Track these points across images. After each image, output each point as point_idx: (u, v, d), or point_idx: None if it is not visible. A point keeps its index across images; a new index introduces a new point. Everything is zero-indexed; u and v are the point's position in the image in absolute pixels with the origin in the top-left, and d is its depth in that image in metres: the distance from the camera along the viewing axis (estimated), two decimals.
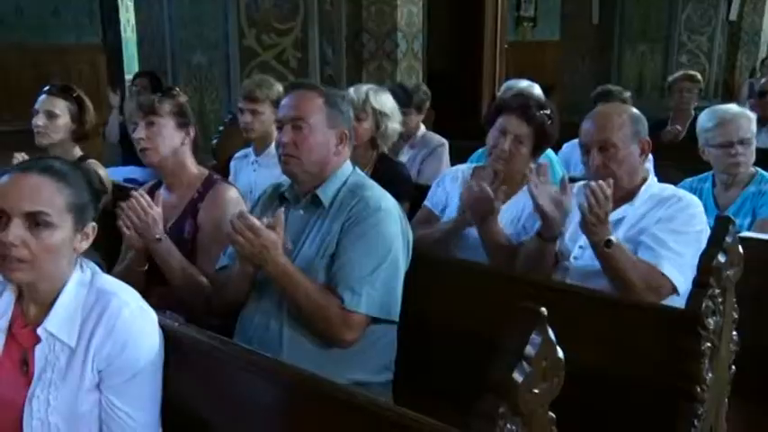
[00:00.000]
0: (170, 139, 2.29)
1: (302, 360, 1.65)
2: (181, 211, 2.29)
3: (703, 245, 1.68)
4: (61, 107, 2.88)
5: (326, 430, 1.34)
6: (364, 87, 2.90)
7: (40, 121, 2.86)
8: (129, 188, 2.89)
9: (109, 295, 1.48)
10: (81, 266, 1.52)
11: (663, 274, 1.93)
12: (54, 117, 2.86)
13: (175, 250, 2.17)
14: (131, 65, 6.50)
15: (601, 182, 1.94)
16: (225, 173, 3.42)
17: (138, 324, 1.48)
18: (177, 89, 2.46)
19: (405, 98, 3.57)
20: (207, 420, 1.54)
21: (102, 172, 2.90)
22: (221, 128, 3.85)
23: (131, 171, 4.31)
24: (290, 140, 1.93)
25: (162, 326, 1.56)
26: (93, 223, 1.51)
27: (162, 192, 2.36)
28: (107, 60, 7.93)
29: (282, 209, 1.90)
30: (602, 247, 1.93)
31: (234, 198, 2.29)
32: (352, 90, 2.84)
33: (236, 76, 4.16)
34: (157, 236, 2.13)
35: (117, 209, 2.15)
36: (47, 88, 2.97)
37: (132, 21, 5.99)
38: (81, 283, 1.50)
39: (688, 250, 1.92)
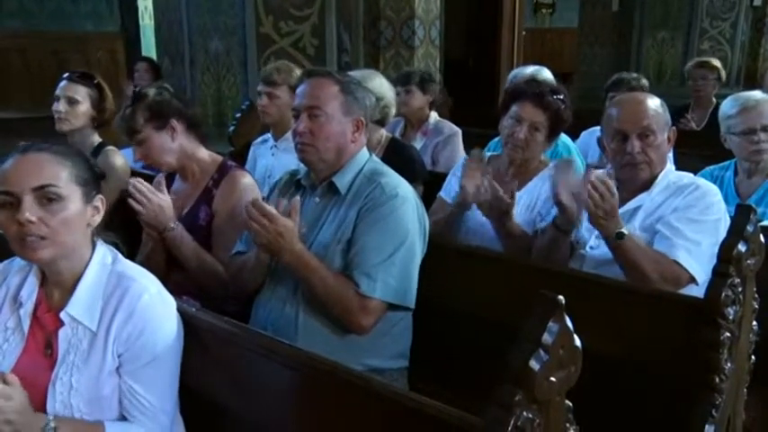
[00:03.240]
0: (160, 146, 2.25)
1: (317, 346, 1.66)
2: (196, 198, 2.30)
3: (722, 234, 1.66)
4: (82, 93, 2.90)
5: (342, 416, 1.35)
6: (352, 73, 2.91)
7: (61, 106, 2.88)
8: (147, 175, 2.91)
9: (129, 280, 1.50)
10: (102, 250, 1.54)
11: (679, 264, 1.90)
12: (75, 103, 2.88)
13: (188, 238, 2.16)
14: (149, 52, 6.53)
15: (598, 173, 1.92)
16: (242, 159, 3.44)
17: (157, 309, 1.50)
18: (141, 90, 2.33)
19: (404, 77, 3.56)
20: (224, 405, 1.55)
21: (121, 159, 2.92)
22: (238, 114, 3.86)
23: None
24: (306, 129, 1.92)
25: (180, 312, 1.57)
26: (101, 195, 1.52)
27: (176, 182, 2.37)
28: (125, 48, 7.96)
29: (298, 197, 1.90)
30: (613, 240, 1.91)
31: (249, 184, 2.29)
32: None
33: (254, 63, 4.16)
34: (170, 224, 2.12)
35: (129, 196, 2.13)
36: (67, 75, 2.98)
37: (150, 8, 6.01)
38: (102, 266, 1.52)
39: (705, 239, 1.90)
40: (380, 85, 2.94)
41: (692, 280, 1.91)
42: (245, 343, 1.53)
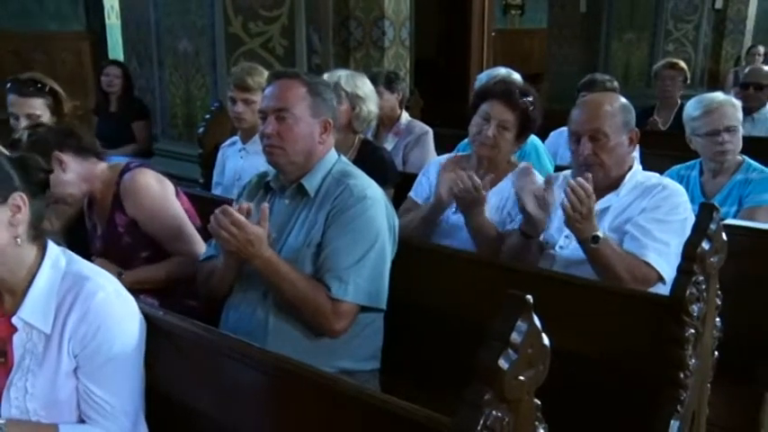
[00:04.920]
0: (55, 183, 2.02)
1: (288, 349, 1.65)
2: (109, 207, 2.27)
3: (688, 233, 1.69)
4: (40, 106, 2.79)
5: (313, 419, 1.35)
6: (338, 72, 2.91)
7: (22, 125, 2.75)
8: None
9: (84, 280, 1.47)
10: (55, 252, 1.51)
11: (648, 265, 1.93)
12: (36, 119, 2.77)
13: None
14: (116, 52, 6.44)
15: (580, 179, 1.94)
16: (211, 161, 3.41)
17: (113, 308, 1.47)
18: (15, 134, 2.22)
19: (370, 79, 3.56)
20: (193, 409, 1.54)
21: None
22: (207, 116, 3.83)
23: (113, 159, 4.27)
24: (274, 131, 1.91)
25: (147, 315, 1.55)
26: (20, 193, 1.43)
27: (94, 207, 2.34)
28: (91, 48, 7.83)
29: (266, 204, 1.88)
30: (589, 244, 1.93)
31: (152, 178, 2.24)
32: (326, 76, 2.84)
33: (223, 63, 4.12)
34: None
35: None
36: (13, 86, 2.82)
37: (117, 7, 5.91)
38: (55, 268, 1.48)
39: (673, 239, 1.93)
40: (372, 92, 2.92)
41: (661, 279, 1.95)
42: (214, 345, 1.52)
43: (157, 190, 2.24)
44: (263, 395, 1.46)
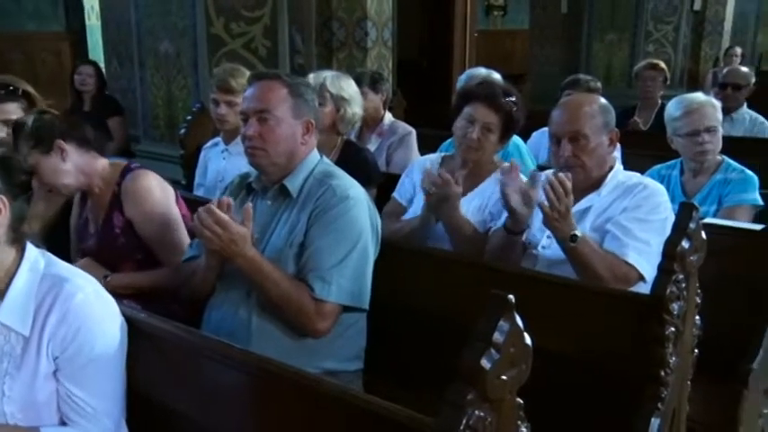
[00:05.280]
0: (52, 169, 2.14)
1: (271, 350, 1.65)
2: (106, 208, 2.25)
3: (668, 232, 1.71)
4: (14, 110, 2.73)
5: (296, 420, 1.34)
6: (324, 73, 2.90)
7: (2, 132, 2.67)
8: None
9: (63, 281, 1.45)
10: (33, 255, 1.49)
11: (629, 264, 1.95)
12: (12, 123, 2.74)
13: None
14: (96, 53, 6.38)
15: (560, 175, 1.95)
16: (193, 162, 3.39)
17: (93, 309, 1.45)
18: (20, 118, 2.22)
19: (354, 80, 3.56)
20: (175, 411, 1.53)
21: None
22: (189, 117, 3.81)
23: None
24: (255, 133, 1.90)
25: (128, 317, 1.54)
26: (0, 195, 1.41)
27: (89, 199, 2.32)
28: (71, 48, 7.76)
29: (250, 204, 1.88)
30: (567, 243, 1.94)
31: (154, 182, 2.25)
32: (311, 76, 2.84)
33: (205, 64, 4.10)
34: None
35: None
36: None
37: (97, 8, 5.86)
38: (33, 270, 1.47)
39: (653, 238, 1.95)
40: (357, 93, 2.92)
41: (641, 278, 1.96)
42: (195, 347, 1.51)
43: (159, 195, 2.23)
44: (244, 396, 1.45)
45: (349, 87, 2.88)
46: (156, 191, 2.22)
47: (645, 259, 1.94)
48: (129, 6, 4.38)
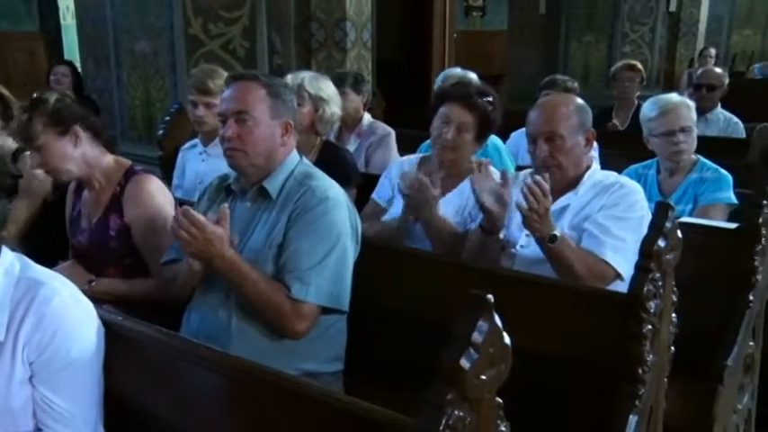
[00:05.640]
0: (61, 153, 2.14)
1: (251, 352, 1.64)
2: (104, 207, 2.23)
3: (644, 230, 1.73)
4: None
5: (276, 422, 1.33)
6: (302, 74, 2.90)
7: None
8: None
9: (39, 285, 1.43)
10: (8, 258, 1.46)
11: (606, 262, 1.97)
12: None
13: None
14: (72, 53, 6.31)
15: (537, 177, 1.96)
16: (171, 164, 3.36)
17: (69, 312, 1.43)
18: (42, 95, 2.20)
19: (337, 79, 3.57)
20: (153, 415, 1.51)
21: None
22: (167, 118, 3.77)
23: None
24: (234, 134, 1.89)
25: (105, 320, 1.52)
26: None
27: (85, 191, 2.30)
28: (45, 48, 7.65)
29: (226, 205, 1.86)
30: (546, 243, 1.96)
31: (157, 188, 2.24)
32: (289, 77, 2.83)
33: (182, 65, 4.06)
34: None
35: None
36: None
37: (72, 7, 5.79)
38: (8, 275, 1.44)
39: (630, 236, 1.97)
40: (335, 94, 2.92)
41: (618, 276, 1.98)
42: (174, 350, 1.50)
43: (161, 201, 2.20)
44: (223, 399, 1.44)
45: (327, 88, 2.88)
46: (159, 197, 2.20)
47: (621, 257, 1.97)
48: (105, 5, 4.32)
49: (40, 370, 1.42)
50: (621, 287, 1.90)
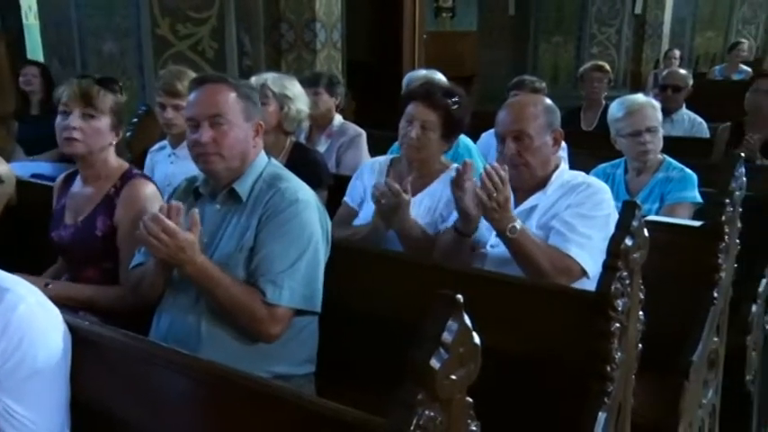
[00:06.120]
0: (103, 138, 2.19)
1: (222, 355, 1.63)
2: (95, 205, 2.20)
3: (611, 229, 1.75)
4: None
5: (247, 425, 1.32)
6: (265, 74, 2.89)
7: None
8: (35, 184, 2.77)
9: (4, 291, 1.40)
10: None
11: (570, 257, 2.00)
12: None
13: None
14: (35, 54, 6.18)
15: (494, 163, 1.98)
16: (140, 166, 3.32)
17: (35, 319, 1.40)
18: (119, 85, 2.33)
19: (312, 78, 3.56)
20: (120, 419, 1.49)
21: (4, 166, 2.74)
22: (135, 120, 3.73)
23: (38, 167, 4.10)
24: (210, 138, 1.87)
25: (71, 325, 1.50)
26: None
27: (75, 183, 2.26)
28: (7, 49, 7.49)
29: (196, 209, 1.84)
30: (507, 234, 1.97)
31: (152, 193, 2.22)
32: (253, 79, 2.82)
33: (151, 66, 4.03)
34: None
35: None
36: None
37: (35, 7, 5.68)
38: None
39: (596, 233, 2.00)
40: (301, 92, 2.91)
41: (584, 273, 2.01)
42: (143, 354, 1.48)
43: (151, 205, 2.14)
44: (193, 402, 1.43)
45: (293, 86, 2.87)
46: (154, 203, 2.15)
47: (587, 253, 1.99)
48: (70, 6, 4.26)
49: (5, 378, 1.39)
50: (589, 285, 1.92)
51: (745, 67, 8.05)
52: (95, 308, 2.12)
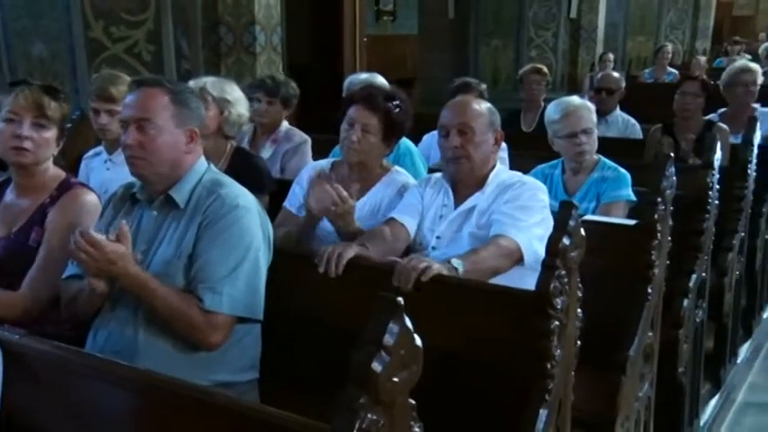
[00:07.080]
0: (50, 149, 2.15)
1: (160, 365, 1.59)
2: (29, 215, 2.12)
3: (548, 221, 1.79)
4: None
5: None
6: (204, 78, 2.85)
7: None
8: None
9: None
10: None
11: (508, 237, 2.05)
12: None
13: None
14: None
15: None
16: (74, 172, 3.21)
17: None
18: (64, 94, 2.26)
19: (273, 87, 3.52)
20: None
21: None
22: (68, 125, 3.61)
23: None
24: (135, 142, 1.83)
25: (0, 340, 1.44)
26: None
27: (8, 193, 2.18)
28: None
29: (125, 221, 1.80)
30: (457, 274, 1.94)
31: (89, 203, 2.15)
32: (191, 82, 2.77)
33: (84, 70, 3.90)
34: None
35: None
36: None
37: None
38: None
39: (531, 218, 2.09)
40: (241, 96, 2.86)
41: (520, 253, 2.04)
42: (77, 366, 1.44)
43: (86, 216, 2.09)
44: (131, 414, 1.39)
45: (233, 90, 2.83)
46: (93, 213, 2.10)
47: (524, 235, 2.06)
48: None
49: None
50: (529, 282, 1.95)
51: (672, 70, 8.37)
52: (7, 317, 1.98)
